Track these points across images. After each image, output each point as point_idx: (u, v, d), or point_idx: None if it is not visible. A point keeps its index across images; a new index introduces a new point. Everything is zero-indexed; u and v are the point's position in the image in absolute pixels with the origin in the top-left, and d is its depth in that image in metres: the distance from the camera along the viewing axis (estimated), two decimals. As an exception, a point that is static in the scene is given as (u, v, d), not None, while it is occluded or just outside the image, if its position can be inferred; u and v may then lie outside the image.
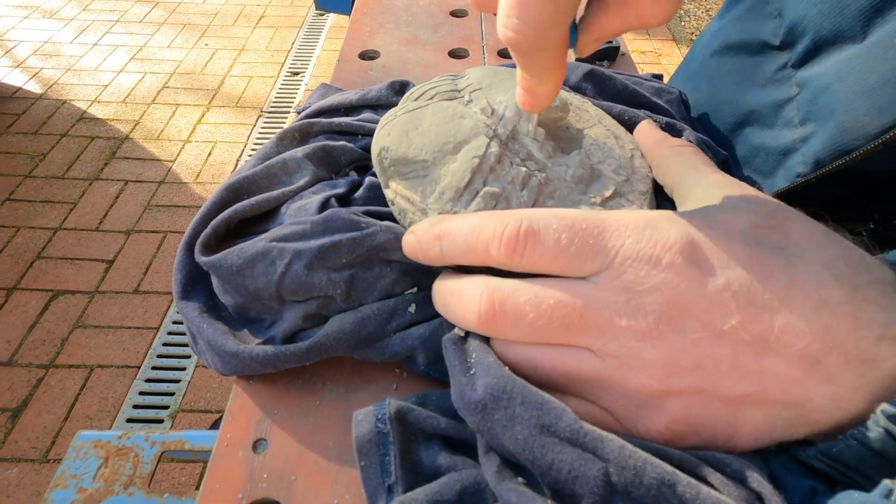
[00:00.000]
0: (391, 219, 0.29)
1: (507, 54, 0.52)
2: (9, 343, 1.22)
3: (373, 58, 0.51)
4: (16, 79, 1.99)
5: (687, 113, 0.38)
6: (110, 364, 1.20)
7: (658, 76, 0.41)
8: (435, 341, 0.26)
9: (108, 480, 0.29)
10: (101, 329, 1.26)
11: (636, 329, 0.19)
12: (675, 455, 0.19)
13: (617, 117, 0.35)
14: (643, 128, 0.31)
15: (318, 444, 0.26)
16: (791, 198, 0.28)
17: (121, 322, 1.27)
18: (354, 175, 0.33)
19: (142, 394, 1.15)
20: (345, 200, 0.31)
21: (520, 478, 0.20)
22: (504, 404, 0.19)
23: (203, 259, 0.28)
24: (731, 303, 0.18)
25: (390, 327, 0.26)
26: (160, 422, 1.11)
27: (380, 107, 0.38)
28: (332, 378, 0.28)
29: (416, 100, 0.31)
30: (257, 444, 0.26)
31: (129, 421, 1.11)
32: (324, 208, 0.29)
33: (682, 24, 2.35)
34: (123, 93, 1.96)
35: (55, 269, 1.37)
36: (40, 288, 1.33)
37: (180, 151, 1.74)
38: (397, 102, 0.37)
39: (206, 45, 2.24)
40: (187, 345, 1.20)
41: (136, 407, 1.13)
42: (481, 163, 0.27)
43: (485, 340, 0.22)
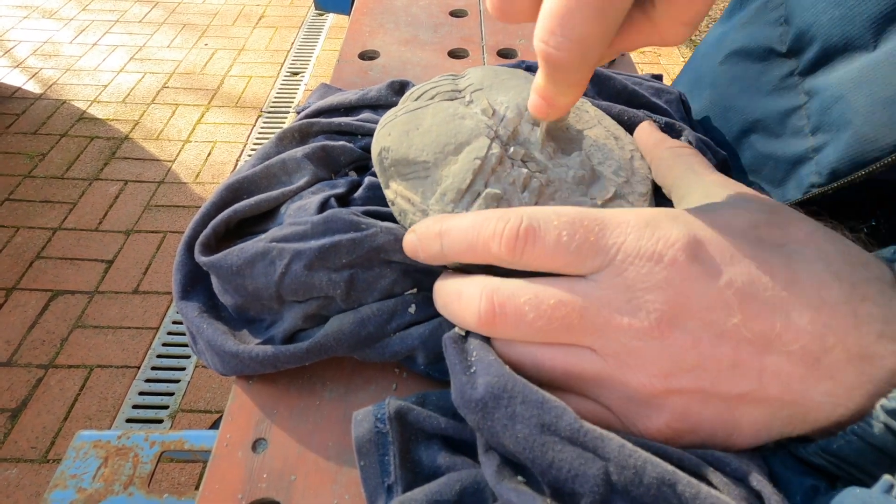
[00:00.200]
0: (391, 219, 0.29)
1: (507, 54, 0.52)
2: (8, 343, 1.22)
3: (372, 58, 0.51)
4: (15, 79, 1.99)
5: (686, 113, 0.38)
6: (110, 364, 1.20)
7: (657, 76, 0.41)
8: (435, 341, 0.26)
9: (108, 480, 0.29)
10: (101, 329, 1.26)
11: (637, 328, 0.19)
12: (675, 454, 0.19)
13: (616, 117, 0.35)
14: (643, 129, 0.31)
15: (317, 444, 0.26)
16: (807, 206, 0.28)
17: (120, 322, 1.27)
18: (354, 175, 0.33)
19: (141, 394, 1.15)
20: (344, 200, 0.31)
21: (519, 477, 0.20)
22: (504, 403, 0.19)
23: (203, 259, 0.28)
24: (734, 301, 0.18)
25: (390, 327, 0.26)
26: (160, 422, 1.11)
27: (379, 107, 0.38)
28: (331, 378, 0.28)
29: (416, 100, 0.31)
30: (257, 444, 0.26)
31: (129, 421, 1.11)
32: (323, 208, 0.29)
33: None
34: (123, 93, 1.96)
35: (55, 269, 1.37)
36: (40, 288, 1.33)
37: (180, 151, 1.74)
38: (397, 102, 0.37)
39: (206, 45, 2.24)
40: (187, 345, 1.20)
41: (135, 407, 1.13)
42: (483, 164, 0.27)
43: (485, 339, 0.22)
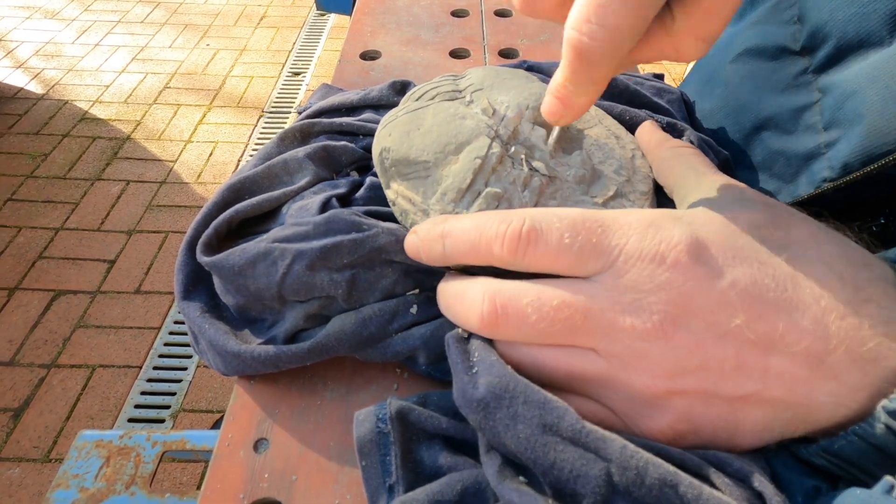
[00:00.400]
0: (392, 219, 0.29)
1: (509, 54, 0.52)
2: (11, 343, 1.22)
3: (374, 58, 0.51)
4: (17, 79, 1.99)
5: (688, 113, 0.38)
6: (112, 364, 1.20)
7: (659, 76, 0.41)
8: (436, 341, 0.26)
9: (110, 480, 0.30)
10: (103, 329, 1.26)
11: (641, 329, 0.19)
12: (677, 454, 0.19)
13: (618, 117, 0.35)
14: (645, 129, 0.31)
15: (319, 443, 0.26)
16: (817, 203, 0.28)
17: (122, 322, 1.27)
18: (355, 175, 0.33)
19: (143, 394, 1.15)
20: (346, 200, 0.31)
21: (521, 477, 0.20)
22: (506, 403, 0.19)
23: (205, 259, 0.28)
24: (737, 302, 0.18)
25: (392, 328, 0.26)
26: (161, 422, 1.11)
27: (381, 107, 0.38)
28: (333, 378, 0.28)
29: (416, 100, 0.31)
30: (258, 444, 0.26)
31: (131, 421, 1.11)
32: (325, 208, 0.29)
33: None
34: (125, 93, 1.97)
35: (57, 269, 1.37)
36: (42, 288, 1.33)
37: (182, 152, 1.74)
38: (398, 102, 0.37)
39: (208, 45, 2.24)
40: (189, 345, 1.21)
41: (137, 407, 1.13)
42: (483, 163, 0.27)
43: (488, 340, 0.22)
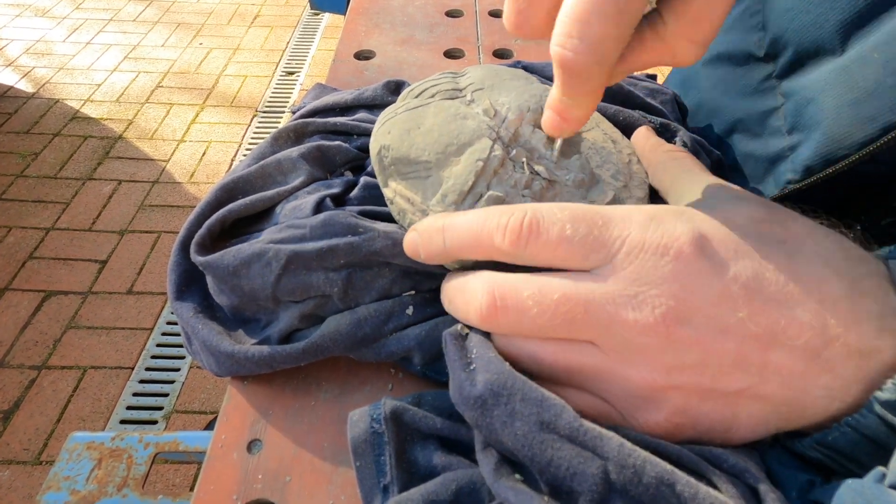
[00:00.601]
0: (388, 219, 0.29)
1: (503, 55, 0.52)
2: (0, 344, 1.21)
3: (368, 58, 0.51)
4: (7, 77, 1.97)
5: (681, 114, 0.38)
6: (103, 365, 1.19)
7: (652, 76, 0.42)
8: (431, 341, 0.26)
9: (102, 482, 0.29)
10: (95, 330, 1.25)
11: (642, 324, 0.19)
12: (674, 451, 0.19)
13: (612, 118, 0.35)
14: (639, 134, 0.32)
15: (313, 444, 0.26)
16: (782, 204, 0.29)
17: (114, 323, 1.26)
18: (350, 175, 0.33)
19: (135, 395, 1.15)
20: (340, 200, 0.31)
21: (517, 475, 0.20)
22: (504, 400, 0.19)
23: (199, 259, 0.28)
24: (740, 295, 0.18)
25: (387, 328, 0.26)
26: (154, 423, 1.10)
27: (375, 106, 0.38)
28: (327, 379, 0.28)
29: (416, 97, 0.31)
30: (252, 445, 0.25)
31: (123, 422, 1.10)
32: (319, 208, 0.29)
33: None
34: (117, 92, 1.95)
35: (48, 269, 1.36)
36: (32, 288, 1.32)
37: (174, 151, 1.73)
38: (393, 102, 0.37)
39: (201, 44, 2.23)
40: (181, 345, 1.20)
41: (129, 408, 1.13)
42: (485, 166, 0.27)
43: (486, 336, 0.22)
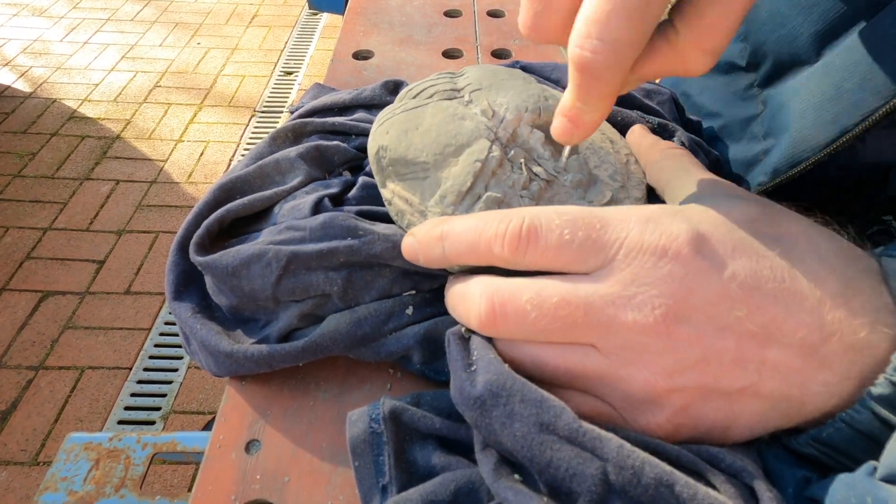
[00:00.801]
0: (386, 219, 0.29)
1: (501, 55, 0.52)
2: (-2, 344, 1.20)
3: (366, 58, 0.51)
4: (4, 77, 1.97)
5: (679, 114, 0.38)
6: (101, 365, 1.19)
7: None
8: (430, 340, 0.26)
9: (99, 483, 0.29)
10: (92, 330, 1.25)
11: (642, 324, 0.19)
12: (673, 451, 0.19)
13: (610, 119, 0.35)
14: (634, 132, 0.32)
15: (311, 444, 0.25)
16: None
17: (112, 323, 1.26)
18: (348, 175, 0.33)
19: (133, 395, 1.14)
20: (338, 200, 0.31)
21: (516, 475, 0.20)
22: (503, 401, 0.19)
23: (198, 259, 0.27)
24: (737, 294, 0.19)
25: (387, 328, 0.26)
26: (152, 423, 1.10)
27: (373, 106, 0.38)
28: (325, 378, 0.28)
29: (414, 97, 0.31)
30: (250, 445, 0.25)
31: (121, 423, 1.10)
32: (317, 208, 0.29)
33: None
34: (114, 92, 1.95)
35: (45, 269, 1.36)
36: (30, 289, 1.31)
37: (172, 151, 1.73)
38: (391, 102, 0.37)
39: (199, 44, 2.23)
40: (179, 346, 1.20)
41: (127, 409, 1.12)
42: (483, 167, 0.27)
43: (487, 338, 0.22)
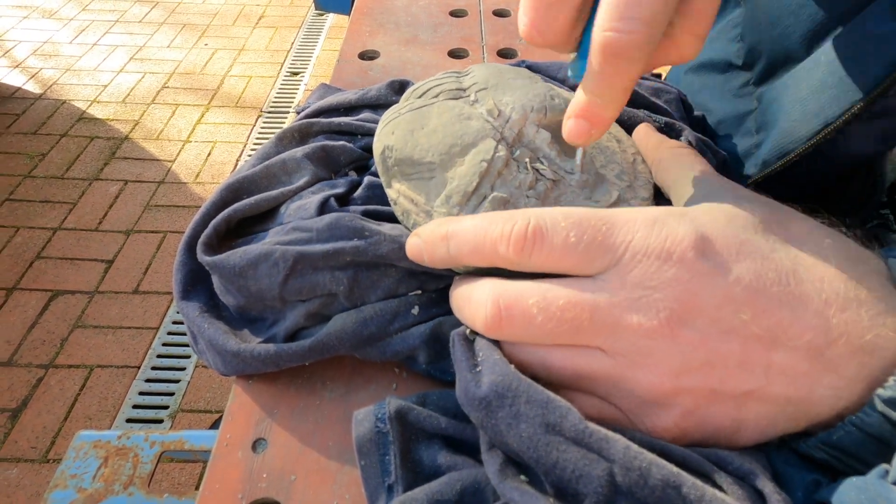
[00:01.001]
0: (392, 219, 0.29)
1: (507, 54, 0.52)
2: (8, 343, 1.22)
3: (372, 58, 0.51)
4: (15, 79, 1.99)
5: (686, 112, 0.38)
6: (110, 364, 1.20)
7: (657, 74, 0.41)
8: (436, 340, 0.26)
9: (108, 480, 0.29)
10: (101, 329, 1.26)
11: (647, 327, 0.19)
12: (679, 453, 0.19)
13: (616, 118, 0.35)
14: (641, 131, 0.32)
15: (317, 443, 0.26)
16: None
17: (120, 322, 1.27)
18: (354, 175, 0.33)
19: (141, 394, 1.15)
20: (344, 200, 0.31)
21: (522, 476, 0.20)
22: (509, 402, 0.19)
23: (206, 259, 0.28)
24: (742, 297, 0.19)
25: (392, 328, 0.26)
26: (160, 422, 1.11)
27: (379, 106, 0.38)
28: (332, 378, 0.28)
29: (419, 97, 0.31)
30: (257, 444, 0.26)
31: (129, 421, 1.11)
32: (323, 208, 0.29)
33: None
34: (123, 93, 1.96)
35: (55, 269, 1.37)
36: (40, 288, 1.33)
37: (180, 151, 1.74)
38: (397, 102, 0.37)
39: (206, 45, 2.24)
40: (187, 345, 1.20)
41: (135, 407, 1.13)
42: (489, 167, 0.26)
43: (493, 341, 0.22)
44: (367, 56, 0.51)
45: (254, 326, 0.28)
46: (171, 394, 1.16)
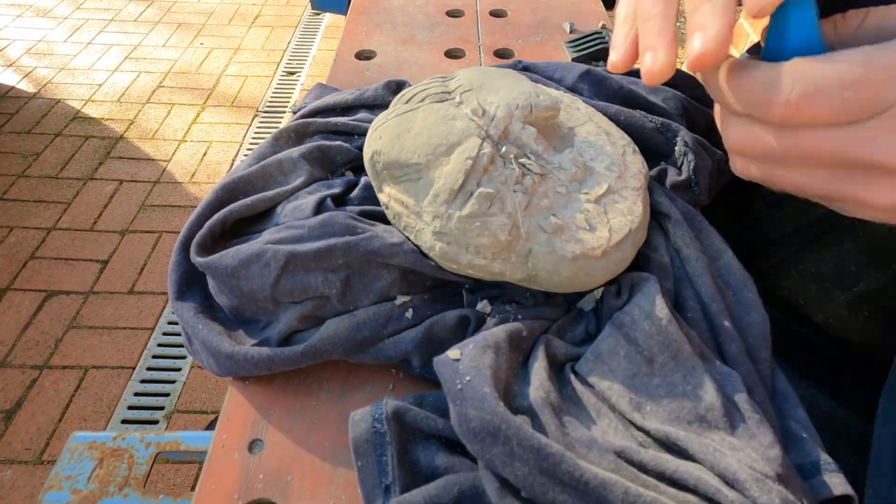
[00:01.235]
0: (387, 219, 0.29)
1: (504, 54, 0.52)
2: (2, 344, 1.21)
3: (369, 58, 0.51)
4: (9, 78, 1.98)
5: (684, 110, 0.38)
6: (105, 365, 1.19)
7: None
8: (428, 344, 0.26)
9: (103, 482, 0.29)
10: (96, 329, 1.25)
11: None
12: (692, 479, 0.19)
13: (613, 118, 0.35)
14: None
15: (314, 444, 0.25)
16: None
17: (115, 322, 1.26)
18: (350, 175, 0.33)
19: (137, 395, 1.15)
20: (340, 200, 0.31)
21: (523, 493, 0.20)
22: (501, 441, 0.19)
23: (199, 260, 0.28)
24: None
25: (386, 332, 0.26)
26: (155, 423, 1.10)
27: (376, 106, 0.38)
28: (328, 379, 0.28)
29: (406, 102, 0.31)
30: (253, 445, 0.25)
31: (124, 422, 1.10)
32: (319, 208, 0.29)
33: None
34: (118, 92, 1.95)
35: (49, 269, 1.36)
36: (34, 288, 1.32)
37: (175, 151, 1.73)
38: (394, 102, 0.37)
39: (202, 44, 2.23)
40: (183, 345, 1.20)
41: (130, 408, 1.13)
42: (474, 164, 0.27)
43: (481, 366, 0.22)
44: (364, 56, 0.51)
45: (248, 327, 0.28)
46: (167, 394, 1.15)
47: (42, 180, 1.60)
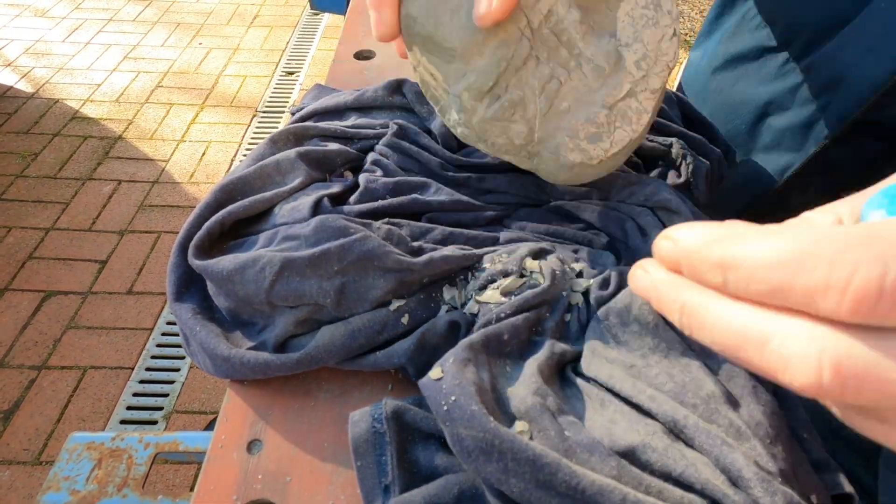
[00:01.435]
0: (384, 216, 0.29)
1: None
2: (0, 344, 1.21)
3: (368, 58, 0.51)
4: (7, 78, 1.97)
5: (684, 111, 0.38)
6: (103, 365, 1.19)
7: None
8: (420, 353, 0.26)
9: (102, 482, 0.29)
10: (94, 330, 1.25)
11: None
12: (698, 483, 0.19)
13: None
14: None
15: (313, 444, 0.25)
16: (823, 159, 0.36)
17: (114, 323, 1.26)
18: (350, 175, 0.33)
19: (135, 395, 1.15)
20: (339, 200, 0.31)
21: None
22: (495, 457, 0.19)
23: (196, 262, 0.28)
24: None
25: (381, 339, 0.26)
26: (154, 423, 1.10)
27: (375, 108, 0.38)
28: (327, 379, 0.28)
29: None
30: (252, 445, 0.25)
31: (123, 422, 1.10)
32: (317, 209, 0.29)
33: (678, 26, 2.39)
34: (116, 92, 1.95)
35: (47, 269, 1.36)
36: (32, 289, 1.32)
37: (174, 151, 1.73)
38: (393, 103, 0.37)
39: (200, 44, 2.23)
40: (181, 346, 1.20)
41: (129, 408, 1.12)
42: (507, 66, 0.27)
43: (466, 384, 0.22)
44: (363, 56, 0.51)
45: (246, 330, 0.28)
46: (166, 395, 1.15)
47: (40, 180, 1.60)
